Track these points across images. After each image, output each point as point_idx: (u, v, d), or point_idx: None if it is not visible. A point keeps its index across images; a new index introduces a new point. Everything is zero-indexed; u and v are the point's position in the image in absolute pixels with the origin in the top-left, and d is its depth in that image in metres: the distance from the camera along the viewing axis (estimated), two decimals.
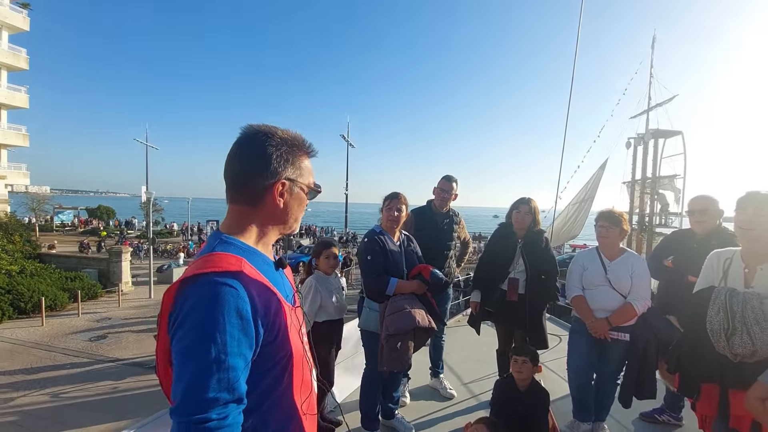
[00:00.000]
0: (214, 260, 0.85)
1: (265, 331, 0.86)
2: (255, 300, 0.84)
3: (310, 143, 1.03)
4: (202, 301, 0.79)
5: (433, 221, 3.29)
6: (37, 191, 34.70)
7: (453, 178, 3.34)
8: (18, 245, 17.58)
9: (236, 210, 0.96)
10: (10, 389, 8.66)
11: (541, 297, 2.94)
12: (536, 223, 3.00)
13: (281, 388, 0.93)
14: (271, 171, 0.93)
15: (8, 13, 23.74)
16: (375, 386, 2.75)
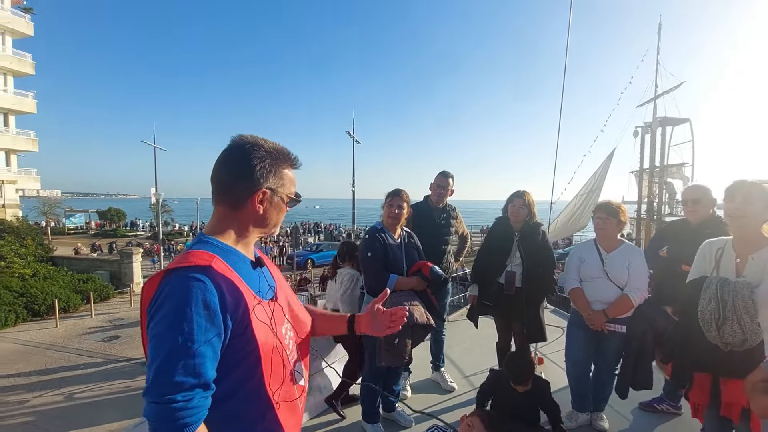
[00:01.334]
0: (188, 257, 0.94)
1: (233, 323, 0.94)
2: (224, 294, 0.92)
3: (294, 156, 1.12)
4: (173, 293, 0.88)
5: (430, 217, 3.32)
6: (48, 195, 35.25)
7: (449, 173, 3.37)
8: (30, 249, 17.93)
9: (219, 211, 1.05)
10: (25, 390, 8.88)
11: (538, 290, 2.95)
12: (532, 216, 3.01)
13: (254, 379, 0.99)
14: (254, 180, 1.01)
15: (11, 18, 24.01)
16: (376, 379, 2.79)
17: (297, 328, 1.19)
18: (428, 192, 3.48)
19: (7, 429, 7.28)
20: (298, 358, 1.15)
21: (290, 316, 1.17)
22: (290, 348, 1.11)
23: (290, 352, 1.10)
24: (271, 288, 1.11)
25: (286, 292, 1.21)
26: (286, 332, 1.10)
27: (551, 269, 2.97)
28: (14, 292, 14.43)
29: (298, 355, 1.15)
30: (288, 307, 1.18)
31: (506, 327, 3.17)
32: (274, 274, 1.20)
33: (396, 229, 2.76)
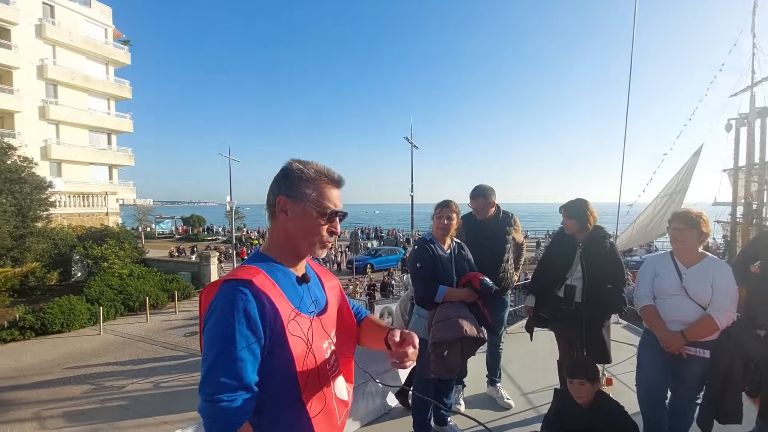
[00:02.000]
0: (238, 271, 1.05)
1: (272, 334, 1.00)
2: (264, 305, 0.99)
3: (333, 173, 1.17)
4: (221, 302, 0.98)
5: (478, 227, 3.20)
6: (142, 203, 39.71)
7: (480, 191, 3.15)
8: (127, 251, 20.28)
9: (269, 229, 1.18)
10: (122, 377, 10.05)
11: (601, 308, 2.71)
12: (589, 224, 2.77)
13: (290, 390, 1.04)
14: (279, 188, 1.12)
15: (113, 50, 27.56)
16: (426, 391, 2.76)
17: (342, 344, 1.22)
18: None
19: (107, 410, 8.27)
20: (339, 372, 1.18)
21: (336, 332, 1.21)
22: (331, 362, 1.14)
23: (330, 366, 1.14)
24: (315, 303, 1.15)
25: (336, 307, 1.25)
26: (328, 347, 1.14)
27: (619, 285, 2.70)
28: (114, 290, 16.42)
29: (339, 370, 1.18)
30: (335, 323, 1.21)
31: (567, 343, 2.95)
32: (326, 287, 1.25)
33: (445, 240, 2.71)
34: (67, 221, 22.01)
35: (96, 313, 14.26)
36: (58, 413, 8.02)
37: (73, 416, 7.90)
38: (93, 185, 26.26)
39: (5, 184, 15.98)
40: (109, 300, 15.67)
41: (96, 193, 25.78)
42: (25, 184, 16.59)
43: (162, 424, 7.56)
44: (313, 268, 1.30)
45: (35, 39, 23.21)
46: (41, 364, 10.86)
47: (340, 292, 1.34)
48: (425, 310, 2.65)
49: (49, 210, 18.34)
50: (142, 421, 7.70)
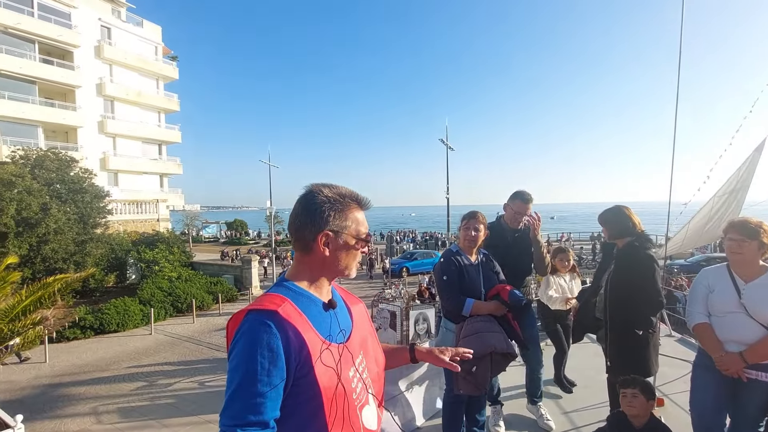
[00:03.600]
0: (263, 300, 1.03)
1: (296, 366, 0.98)
2: (288, 337, 0.97)
3: (361, 198, 1.16)
4: (245, 334, 0.97)
5: (504, 238, 3.06)
6: (190, 209, 41.95)
7: (529, 198, 3.03)
8: (176, 255, 21.47)
9: (296, 257, 1.15)
10: (169, 376, 10.60)
11: (623, 322, 2.52)
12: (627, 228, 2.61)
13: (317, 423, 1.01)
14: (316, 223, 1.08)
15: (163, 66, 29.37)
16: (456, 407, 2.67)
17: (369, 370, 1.19)
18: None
19: (157, 408, 8.73)
20: (367, 402, 1.15)
21: (364, 357, 1.18)
22: (357, 391, 1.11)
23: (357, 395, 1.10)
24: (342, 331, 1.13)
25: (363, 332, 1.22)
26: (354, 375, 1.11)
27: (644, 300, 2.48)
28: (164, 292, 17.40)
29: (366, 398, 1.15)
30: (362, 348, 1.18)
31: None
32: (353, 313, 1.23)
33: (473, 252, 2.62)
34: (122, 227, 23.67)
35: (148, 314, 15.16)
36: (113, 408, 8.57)
37: (126, 412, 8.42)
38: (145, 193, 28.06)
39: (69, 194, 17.42)
40: (160, 302, 16.63)
41: (148, 200, 27.55)
42: (86, 194, 18.00)
43: (206, 423, 7.87)
44: (339, 292, 1.27)
45: (94, 59, 25.19)
46: (98, 361, 11.69)
47: (367, 316, 1.31)
48: (453, 323, 2.57)
49: (107, 217, 19.79)
50: (187, 419, 8.06)
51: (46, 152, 18.11)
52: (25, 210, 14.42)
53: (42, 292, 6.26)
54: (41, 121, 22.78)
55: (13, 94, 21.55)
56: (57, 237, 15.45)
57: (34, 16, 22.24)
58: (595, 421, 3.10)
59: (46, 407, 8.65)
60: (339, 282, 1.39)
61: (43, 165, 17.07)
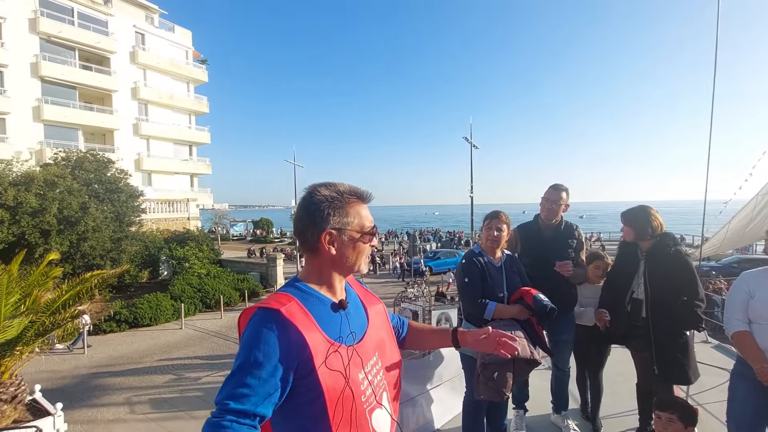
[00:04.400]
0: (270, 299, 1.05)
1: (298, 365, 0.98)
2: (289, 336, 0.98)
3: (361, 191, 1.14)
4: (248, 329, 1.01)
5: (540, 237, 2.97)
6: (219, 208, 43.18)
7: (562, 186, 2.95)
8: (205, 253, 22.13)
9: (305, 258, 1.16)
10: (199, 369, 10.95)
11: (672, 323, 2.40)
12: (653, 229, 2.51)
13: (321, 424, 1.00)
14: (317, 224, 1.07)
15: (193, 69, 30.35)
16: (477, 411, 2.62)
17: (385, 372, 1.18)
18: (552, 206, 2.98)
19: (186, 400, 9.03)
20: (378, 405, 1.13)
21: (379, 359, 1.17)
22: (367, 394, 1.09)
23: (366, 398, 1.09)
24: (353, 333, 1.11)
25: (379, 334, 1.20)
26: (365, 377, 1.09)
27: (692, 297, 2.38)
28: (194, 288, 17.98)
29: (378, 401, 1.13)
30: (376, 350, 1.17)
31: (644, 363, 2.66)
32: (370, 313, 1.22)
33: (495, 253, 2.56)
34: (155, 225, 24.61)
35: (178, 309, 15.71)
36: (145, 399, 8.93)
37: (158, 403, 8.75)
38: (177, 193, 29.08)
39: (106, 193, 18.27)
40: (190, 297, 17.19)
41: (179, 199, 28.52)
42: (121, 193, 18.82)
43: None
44: (357, 291, 1.26)
45: (129, 64, 26.32)
46: (132, 353, 12.21)
47: (385, 317, 1.30)
48: (474, 326, 2.53)
49: (141, 216, 20.62)
50: None
51: (85, 154, 19.04)
52: (66, 209, 15.21)
53: (81, 286, 6.56)
54: (81, 124, 24.00)
55: (56, 99, 22.81)
56: (95, 234, 16.23)
57: (74, 24, 23.44)
58: (623, 430, 2.99)
59: (84, 396, 9.11)
60: (360, 279, 1.39)
61: (83, 166, 17.96)
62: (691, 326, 2.45)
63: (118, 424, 7.77)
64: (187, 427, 7.70)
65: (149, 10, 28.02)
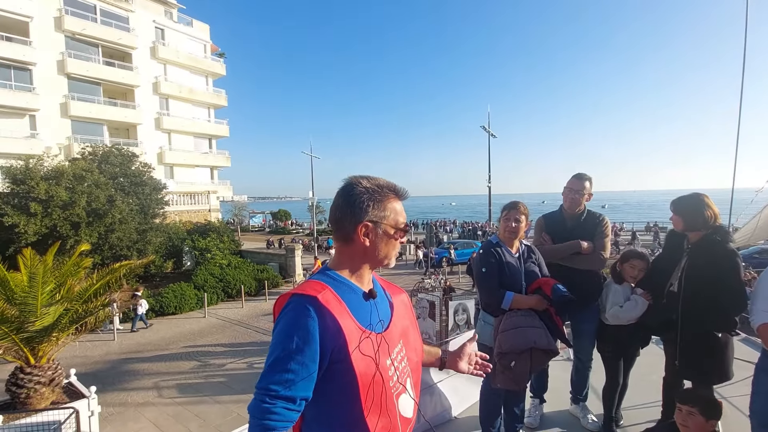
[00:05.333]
0: (305, 286, 1.09)
1: (332, 350, 1.03)
2: (325, 322, 1.02)
3: (399, 188, 1.17)
4: (285, 315, 1.05)
5: (563, 227, 2.94)
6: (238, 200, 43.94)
7: (585, 176, 2.90)
8: (226, 244, 22.64)
9: (337, 247, 1.19)
10: (222, 356, 11.31)
11: (702, 323, 2.33)
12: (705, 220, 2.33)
13: (353, 408, 1.05)
14: (356, 214, 1.11)
15: (211, 63, 30.72)
16: (494, 399, 2.65)
17: (409, 359, 1.22)
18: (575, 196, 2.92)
19: (210, 385, 9.37)
20: (403, 390, 1.17)
21: (404, 347, 1.21)
22: (394, 380, 1.13)
23: (394, 383, 1.13)
24: (381, 321, 1.16)
25: (404, 322, 1.25)
26: (391, 364, 1.14)
27: (728, 301, 2.26)
28: (216, 278, 18.47)
29: (403, 387, 1.17)
30: (401, 338, 1.21)
31: (673, 358, 2.60)
32: (394, 303, 1.26)
33: (513, 243, 2.55)
34: (178, 217, 25.28)
35: (201, 299, 16.19)
36: (172, 384, 9.31)
37: (183, 388, 9.10)
38: (198, 185, 29.72)
39: (131, 186, 18.83)
40: (212, 287, 17.68)
41: (200, 192, 29.17)
42: (145, 186, 19.38)
43: None
44: (379, 281, 1.30)
45: (150, 59, 26.83)
46: (159, 341, 12.68)
47: (408, 307, 1.34)
48: (492, 316, 2.54)
49: (164, 208, 21.20)
50: (237, 397, 8.59)
51: (110, 148, 19.64)
52: (94, 202, 15.78)
53: (110, 276, 6.85)
54: (106, 119, 24.70)
55: (82, 96, 23.51)
56: (122, 226, 16.80)
57: (97, 21, 24.00)
58: (642, 421, 2.96)
59: (115, 380, 9.55)
60: (379, 272, 1.42)
61: (108, 160, 18.54)
62: (723, 329, 2.36)
63: (147, 408, 8.14)
64: (212, 411, 8.00)
65: (168, 5, 28.40)
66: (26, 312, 5.60)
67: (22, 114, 21.45)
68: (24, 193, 14.69)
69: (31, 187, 14.60)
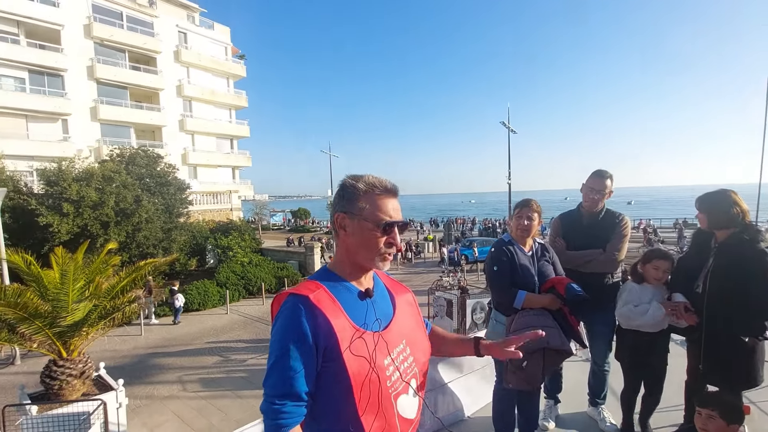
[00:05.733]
0: (300, 286, 1.12)
1: (325, 348, 1.05)
2: (317, 321, 1.04)
3: (384, 183, 1.17)
4: (281, 315, 1.08)
5: (580, 226, 2.86)
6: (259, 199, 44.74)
7: (606, 173, 2.79)
8: (247, 242, 23.12)
9: (335, 245, 1.23)
10: (244, 352, 11.56)
11: (727, 326, 2.23)
12: (731, 217, 2.22)
13: (347, 406, 1.06)
14: (336, 206, 1.18)
15: (232, 65, 31.32)
16: (507, 400, 2.62)
17: (416, 360, 1.22)
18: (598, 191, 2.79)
19: (232, 380, 9.60)
20: (404, 391, 1.17)
21: (407, 346, 1.21)
22: (393, 379, 1.13)
23: (392, 383, 1.13)
24: (379, 320, 1.16)
25: (407, 322, 1.24)
26: (391, 363, 1.14)
27: (758, 301, 2.13)
28: (237, 275, 18.89)
29: (404, 387, 1.17)
30: (403, 337, 1.21)
31: (696, 360, 2.51)
32: (397, 302, 1.26)
33: (526, 242, 2.52)
34: (201, 216, 25.95)
35: (224, 296, 16.59)
36: (196, 378, 9.59)
37: (206, 382, 9.37)
38: (220, 185, 30.42)
39: (157, 187, 19.45)
40: (234, 284, 18.10)
41: (222, 191, 29.84)
42: (170, 186, 19.97)
43: None
44: (384, 281, 1.31)
45: (173, 63, 27.58)
46: (184, 336, 13.08)
47: (414, 306, 1.33)
48: (504, 315, 2.51)
49: (188, 207, 21.81)
50: (258, 392, 8.71)
51: (137, 150, 20.33)
52: (122, 202, 16.38)
53: (136, 273, 7.11)
54: (132, 122, 25.56)
55: (110, 99, 24.40)
56: (148, 225, 17.38)
57: (123, 28, 24.83)
58: (664, 425, 2.87)
59: (142, 374, 9.91)
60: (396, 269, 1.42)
61: (135, 161, 19.20)
62: (751, 333, 2.25)
63: (172, 401, 8.41)
64: (233, 405, 8.20)
65: (190, 9, 29.11)
66: (58, 308, 5.88)
67: (56, 118, 22.43)
68: (57, 194, 15.37)
69: (64, 188, 15.27)
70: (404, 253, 24.70)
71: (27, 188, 16.42)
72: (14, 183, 15.78)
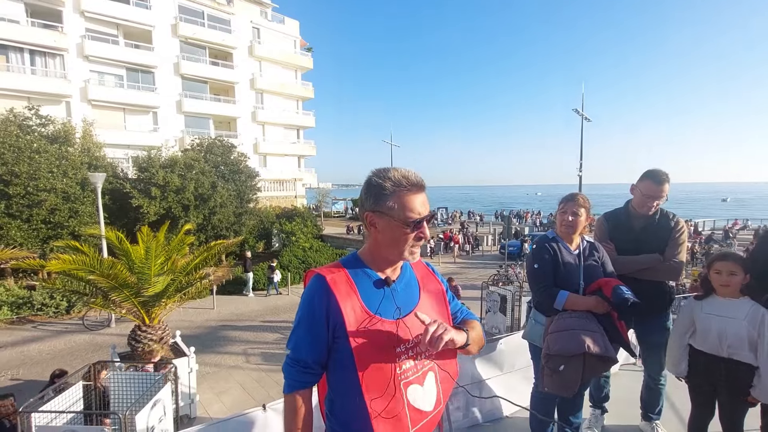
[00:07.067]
0: (326, 266, 1.23)
1: (334, 327, 1.14)
2: (330, 300, 1.13)
3: (411, 179, 1.15)
4: (305, 290, 1.22)
5: (628, 227, 2.63)
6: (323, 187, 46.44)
7: (663, 177, 2.49)
8: (309, 228, 24.22)
9: (366, 235, 1.28)
10: None
11: None
12: None
13: (352, 384, 1.13)
14: (363, 206, 1.21)
15: (300, 58, 32.56)
16: (545, 404, 2.51)
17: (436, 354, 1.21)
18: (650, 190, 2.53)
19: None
20: (419, 382, 1.19)
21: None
22: (404, 367, 1.16)
23: (402, 371, 1.16)
24: (399, 309, 1.19)
25: (429, 314, 1.23)
26: (402, 353, 1.17)
27: None
28: (299, 259, 19.87)
29: (418, 378, 1.19)
30: (421, 328, 1.20)
31: None
32: (424, 293, 1.28)
33: (572, 239, 2.36)
34: (268, 203, 27.58)
35: (286, 277, 17.58)
36: (258, 352, 10.34)
37: (267, 357, 10.06)
38: (286, 173, 32.04)
39: (230, 174, 21.01)
40: (295, 267, 19.07)
41: (288, 179, 31.40)
42: (242, 174, 21.45)
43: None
44: (418, 272, 1.33)
45: (248, 58, 29.33)
46: (250, 312, 14.12)
47: (442, 298, 1.34)
48: (544, 316, 2.40)
49: (257, 194, 23.30)
50: None
51: (214, 140, 22.06)
52: (200, 187, 17.97)
53: (207, 253, 7.81)
54: (211, 114, 27.74)
55: (192, 93, 26.67)
56: (222, 210, 18.91)
57: (204, 26, 26.85)
58: None
59: (212, 344, 10.90)
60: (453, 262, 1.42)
61: (212, 150, 20.87)
62: None
63: (236, 370, 9.17)
64: None
65: (263, 5, 30.63)
66: (142, 279, 6.67)
67: (147, 111, 25.07)
68: (147, 179, 17.26)
69: (152, 174, 17.10)
70: (462, 245, 24.25)
71: (123, 173, 18.60)
72: (113, 169, 17.97)
